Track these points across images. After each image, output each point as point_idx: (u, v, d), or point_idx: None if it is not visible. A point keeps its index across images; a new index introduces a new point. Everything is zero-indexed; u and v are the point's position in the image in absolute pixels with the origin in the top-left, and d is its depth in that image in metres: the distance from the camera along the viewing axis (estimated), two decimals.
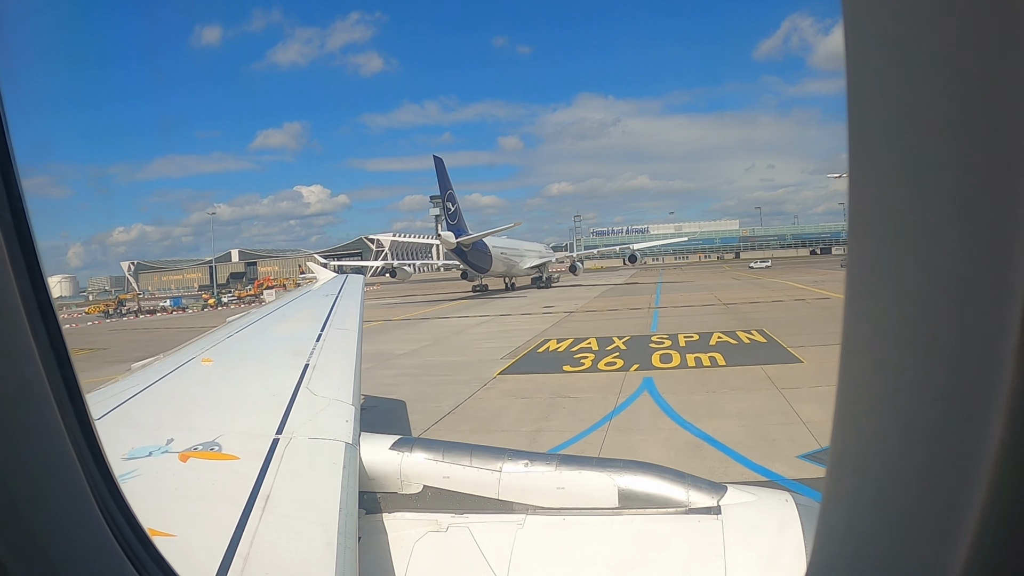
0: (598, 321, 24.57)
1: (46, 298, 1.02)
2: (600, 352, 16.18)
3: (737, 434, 8.45)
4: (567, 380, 13.03)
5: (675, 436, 8.66)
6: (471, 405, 11.29)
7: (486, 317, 29.31)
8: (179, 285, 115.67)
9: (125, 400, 3.13)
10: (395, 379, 13.72)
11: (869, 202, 0.65)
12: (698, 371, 13.02)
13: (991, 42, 0.52)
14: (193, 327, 19.48)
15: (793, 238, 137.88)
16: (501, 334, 21.88)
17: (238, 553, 1.62)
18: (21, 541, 0.93)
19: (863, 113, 0.64)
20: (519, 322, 25.92)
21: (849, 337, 0.70)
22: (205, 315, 51.74)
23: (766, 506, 2.12)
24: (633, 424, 9.49)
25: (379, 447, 2.50)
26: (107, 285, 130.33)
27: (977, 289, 0.57)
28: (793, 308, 24.64)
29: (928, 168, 0.59)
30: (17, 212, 0.98)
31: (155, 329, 39.14)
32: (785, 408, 9.54)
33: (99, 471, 1.14)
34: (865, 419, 0.71)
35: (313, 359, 3.94)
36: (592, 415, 9.93)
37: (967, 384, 0.59)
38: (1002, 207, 0.54)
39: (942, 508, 0.62)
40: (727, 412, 9.72)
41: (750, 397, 10.51)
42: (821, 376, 11.09)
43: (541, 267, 51.63)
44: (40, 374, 0.97)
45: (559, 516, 2.25)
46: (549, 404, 10.99)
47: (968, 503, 0.58)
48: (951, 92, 0.56)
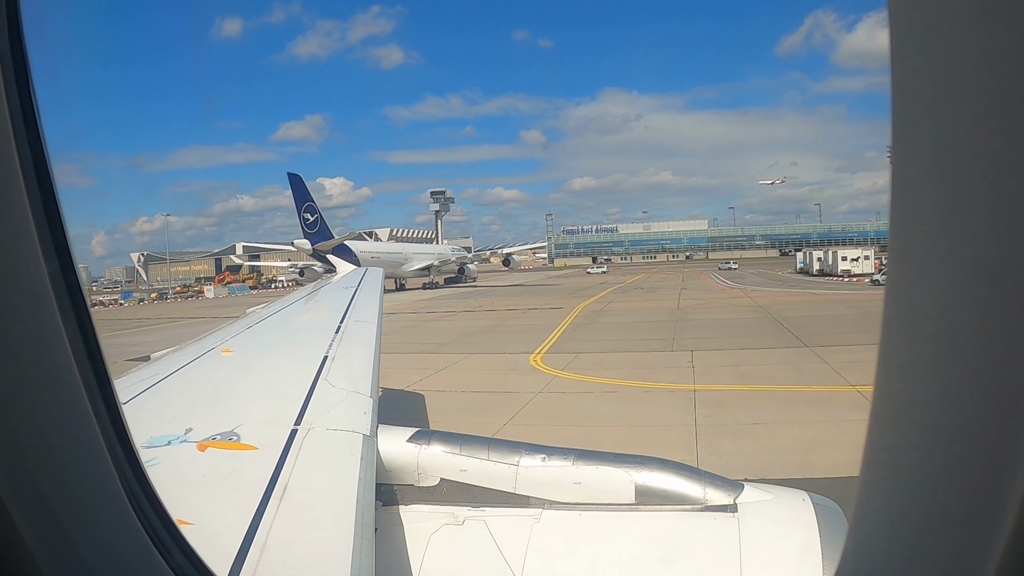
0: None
1: (75, 281, 1.03)
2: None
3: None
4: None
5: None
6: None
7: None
8: (186, 276, 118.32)
9: (145, 389, 3.18)
10: None
11: (910, 200, 0.65)
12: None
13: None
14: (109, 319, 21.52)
15: (763, 238, 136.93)
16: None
17: (255, 542, 1.63)
18: (48, 526, 0.94)
19: (906, 111, 0.63)
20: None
21: (887, 334, 0.69)
22: (140, 307, 60.63)
23: (783, 505, 2.10)
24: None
25: (397, 439, 2.51)
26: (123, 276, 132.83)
27: (1017, 288, 0.56)
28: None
29: (969, 166, 0.58)
30: (48, 197, 0.99)
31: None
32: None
33: (127, 457, 1.15)
34: (902, 416, 0.70)
35: (332, 351, 3.96)
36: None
37: (1005, 382, 0.58)
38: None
39: (978, 506, 0.61)
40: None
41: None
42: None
43: (429, 269, 54.79)
44: (69, 357, 0.98)
45: (575, 511, 2.24)
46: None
47: (1004, 501, 0.57)
48: (996, 89, 0.55)
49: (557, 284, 59.38)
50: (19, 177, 0.90)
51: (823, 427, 9.42)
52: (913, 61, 0.62)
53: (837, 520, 2.00)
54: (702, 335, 20.40)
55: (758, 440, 9.03)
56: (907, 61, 0.62)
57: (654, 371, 14.37)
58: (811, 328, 20.14)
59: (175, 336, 11.99)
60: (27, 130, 0.96)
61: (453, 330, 25.47)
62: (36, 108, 1.00)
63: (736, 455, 8.42)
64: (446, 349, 19.67)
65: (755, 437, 9.18)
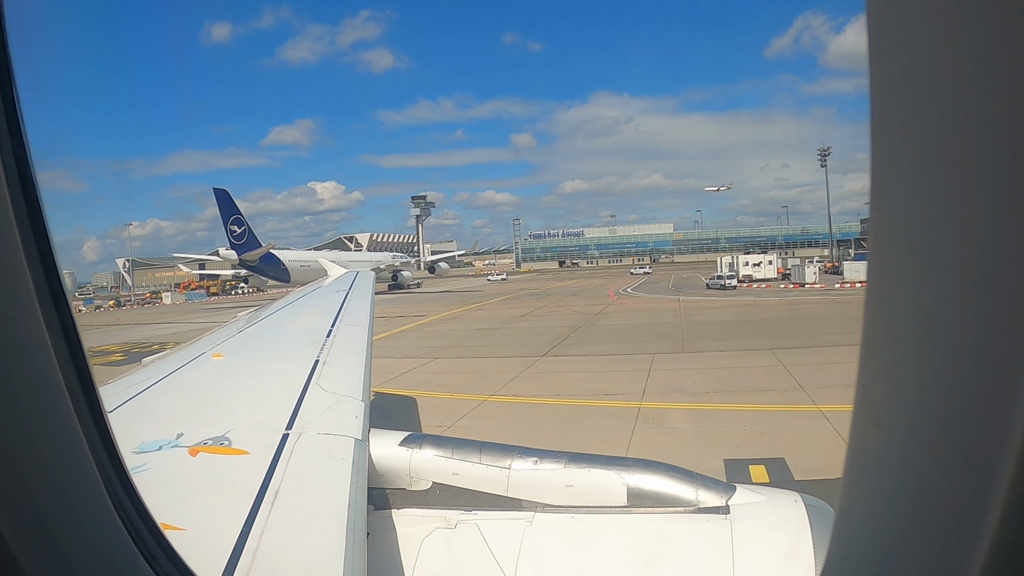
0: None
1: (59, 288, 1.03)
2: None
3: None
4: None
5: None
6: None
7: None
8: (171, 281, 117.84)
9: (136, 394, 3.16)
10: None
11: (889, 203, 0.65)
12: None
13: (1014, 43, 0.52)
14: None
15: (727, 241, 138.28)
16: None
17: (247, 548, 1.63)
18: (33, 532, 0.93)
19: (885, 114, 0.63)
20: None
21: (868, 336, 0.69)
22: (92, 315, 63.35)
23: (775, 506, 2.11)
24: None
25: (389, 443, 2.50)
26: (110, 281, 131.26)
27: (997, 289, 0.56)
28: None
29: (949, 168, 0.58)
30: (32, 203, 0.98)
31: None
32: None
33: (111, 462, 1.14)
34: (884, 418, 0.71)
35: (323, 355, 3.95)
36: None
37: (987, 383, 0.58)
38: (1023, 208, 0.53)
39: (961, 507, 0.61)
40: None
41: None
42: None
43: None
44: (53, 364, 0.98)
45: (568, 514, 2.24)
46: None
47: (987, 501, 0.57)
48: (975, 92, 0.55)
49: (479, 290, 61.86)
50: (2, 183, 0.89)
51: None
52: (891, 63, 0.62)
53: (829, 521, 2.01)
54: (491, 341, 22.72)
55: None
56: (885, 63, 0.62)
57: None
58: (584, 336, 22.64)
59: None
60: (11, 137, 0.96)
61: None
62: (20, 114, 0.99)
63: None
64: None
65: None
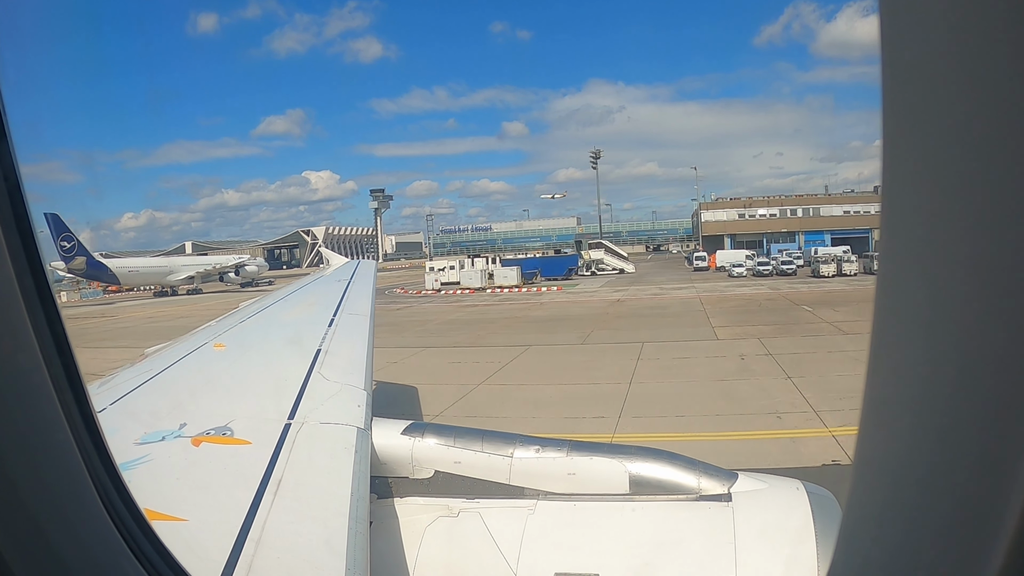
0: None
1: (45, 285, 1.01)
2: None
3: None
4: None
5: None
6: None
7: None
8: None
9: (138, 385, 3.17)
10: None
11: (901, 199, 0.64)
12: None
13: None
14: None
15: (630, 235, 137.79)
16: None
17: (250, 537, 1.63)
18: (23, 533, 0.92)
19: (898, 110, 0.61)
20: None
21: (878, 336, 0.68)
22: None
23: (777, 494, 2.11)
24: None
25: (391, 432, 2.50)
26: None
27: (1009, 289, 0.55)
28: None
29: (962, 163, 0.57)
30: (15, 198, 0.96)
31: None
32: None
33: (101, 461, 1.13)
34: (893, 417, 0.69)
35: (325, 344, 3.95)
36: None
37: (997, 381, 0.57)
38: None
39: (972, 510, 0.60)
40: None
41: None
42: None
43: (193, 278, 63.78)
44: (39, 364, 0.96)
45: (570, 502, 2.24)
46: None
47: (1000, 504, 0.56)
48: (988, 89, 0.54)
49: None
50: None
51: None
52: (904, 57, 0.60)
53: (831, 507, 2.02)
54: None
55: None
56: (898, 57, 0.60)
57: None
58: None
59: None
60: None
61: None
62: (2, 111, 0.98)
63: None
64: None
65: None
